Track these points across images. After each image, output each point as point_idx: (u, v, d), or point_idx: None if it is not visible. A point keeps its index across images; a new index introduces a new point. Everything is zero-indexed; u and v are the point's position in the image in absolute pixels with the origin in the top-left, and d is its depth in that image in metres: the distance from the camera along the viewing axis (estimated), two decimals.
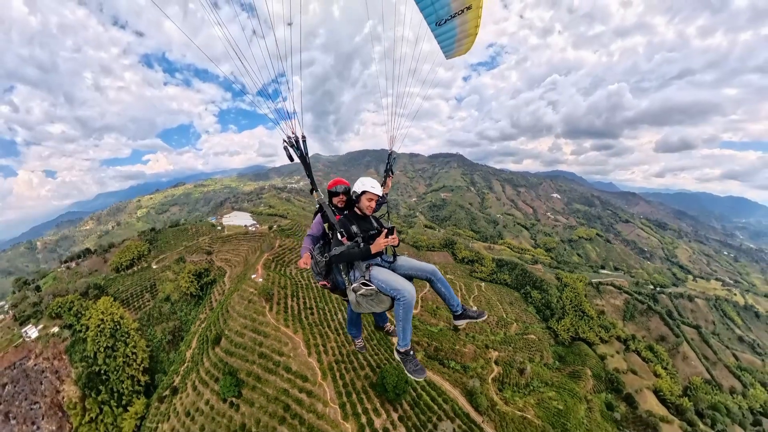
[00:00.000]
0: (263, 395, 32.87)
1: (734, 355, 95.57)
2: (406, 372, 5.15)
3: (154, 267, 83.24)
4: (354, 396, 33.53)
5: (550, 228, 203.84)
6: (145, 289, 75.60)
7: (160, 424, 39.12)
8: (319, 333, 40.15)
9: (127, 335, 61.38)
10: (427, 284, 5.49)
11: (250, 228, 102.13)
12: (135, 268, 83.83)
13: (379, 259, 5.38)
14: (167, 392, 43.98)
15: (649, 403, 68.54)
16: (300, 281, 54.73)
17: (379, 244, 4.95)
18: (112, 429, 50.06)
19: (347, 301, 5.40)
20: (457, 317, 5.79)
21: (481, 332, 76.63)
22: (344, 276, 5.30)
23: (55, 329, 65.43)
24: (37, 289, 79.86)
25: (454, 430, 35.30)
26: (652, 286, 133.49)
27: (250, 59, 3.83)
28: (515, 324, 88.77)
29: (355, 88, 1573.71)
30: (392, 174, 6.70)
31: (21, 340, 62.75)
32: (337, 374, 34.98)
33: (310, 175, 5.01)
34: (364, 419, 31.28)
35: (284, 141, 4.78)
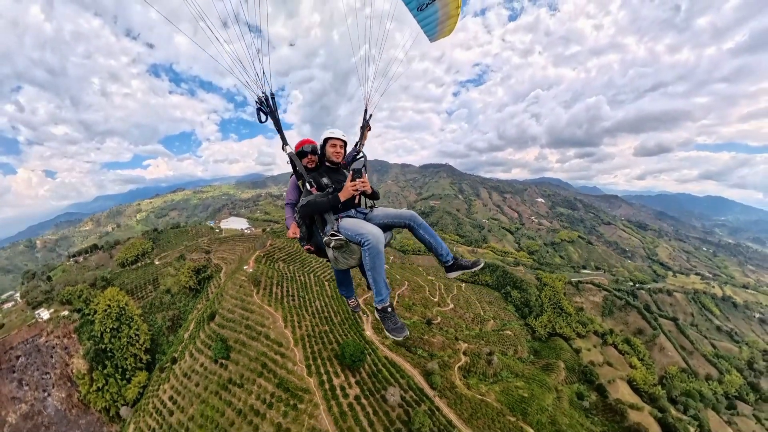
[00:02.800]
0: (246, 356, 41.23)
1: (712, 344, 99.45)
2: (385, 331, 4.74)
3: (157, 263, 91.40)
4: (319, 361, 41.80)
5: (534, 231, 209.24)
6: (148, 281, 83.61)
7: (161, 386, 47.16)
8: (296, 313, 48.67)
9: (131, 319, 69.12)
10: (407, 283, 7.40)
11: (245, 230, 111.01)
12: (139, 264, 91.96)
13: (353, 210, 5.18)
14: (168, 363, 52.02)
15: (621, 392, 70.21)
16: (285, 274, 63.34)
17: (348, 189, 4.74)
18: (117, 397, 57.54)
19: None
20: (448, 268, 5.24)
21: (456, 327, 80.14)
22: (321, 234, 5.06)
23: (65, 313, 73.09)
24: (48, 279, 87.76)
25: (401, 395, 43.39)
26: (631, 283, 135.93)
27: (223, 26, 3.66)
28: (492, 321, 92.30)
29: (351, 103, 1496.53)
30: (369, 128, 6.21)
31: (34, 320, 70.37)
32: (307, 344, 43.34)
33: (280, 130, 4.85)
34: (324, 377, 39.54)
35: (256, 101, 4.64)
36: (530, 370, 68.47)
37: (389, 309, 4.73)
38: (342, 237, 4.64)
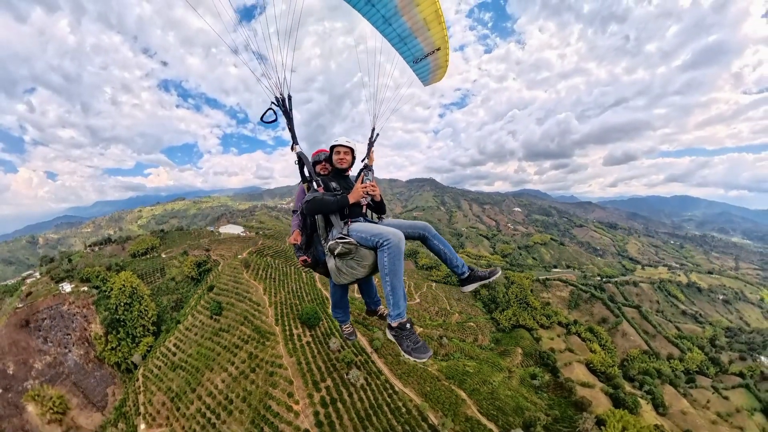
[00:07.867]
0: (234, 312, 56.72)
1: (676, 327, 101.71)
2: (402, 353, 4.02)
3: (163, 256, 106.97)
4: (285, 318, 56.95)
5: (510, 237, 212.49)
6: (156, 270, 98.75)
7: (167, 339, 62.41)
8: (274, 288, 64.56)
9: (141, 298, 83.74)
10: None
11: (241, 234, 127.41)
12: (148, 256, 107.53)
13: (362, 218, 4.93)
14: (174, 324, 67.33)
15: (576, 373, 69.84)
16: (272, 264, 79.47)
17: (358, 190, 4.51)
18: (128, 356, 71.77)
19: (330, 278, 4.74)
20: (464, 281, 4.83)
21: (419, 318, 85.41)
22: (323, 243, 4.75)
23: (85, 288, 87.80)
24: (69, 260, 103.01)
25: (341, 345, 58.11)
26: (599, 278, 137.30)
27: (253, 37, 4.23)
28: (457, 314, 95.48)
29: (345, 123, 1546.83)
30: (372, 148, 6.17)
31: (57, 291, 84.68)
32: (278, 307, 58.91)
33: (291, 128, 4.79)
34: (287, 327, 54.54)
35: (273, 102, 4.63)
36: (486, 354, 70.99)
37: (408, 325, 4.15)
38: (352, 240, 4.24)
